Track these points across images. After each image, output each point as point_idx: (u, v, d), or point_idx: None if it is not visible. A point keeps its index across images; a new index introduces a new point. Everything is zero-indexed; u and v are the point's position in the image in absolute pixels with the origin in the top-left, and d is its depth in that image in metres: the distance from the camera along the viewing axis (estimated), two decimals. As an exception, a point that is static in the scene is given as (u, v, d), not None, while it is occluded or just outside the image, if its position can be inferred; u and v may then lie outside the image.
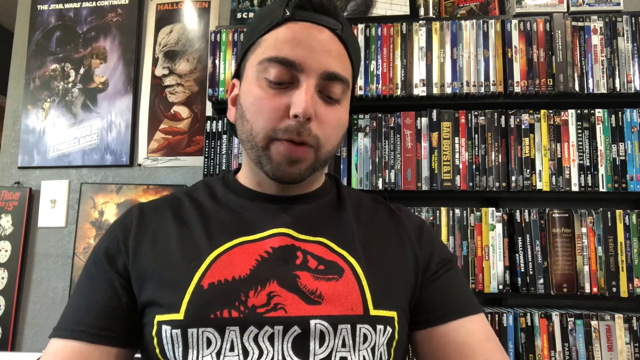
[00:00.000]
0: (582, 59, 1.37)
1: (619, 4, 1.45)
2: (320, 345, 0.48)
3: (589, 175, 1.34)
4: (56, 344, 0.53)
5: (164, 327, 0.49)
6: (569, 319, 1.26)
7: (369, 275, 0.53)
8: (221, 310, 0.48)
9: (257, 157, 0.55)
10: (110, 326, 0.52)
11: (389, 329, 0.52)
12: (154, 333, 0.50)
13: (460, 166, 1.37)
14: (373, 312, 0.51)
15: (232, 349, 0.48)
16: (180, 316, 0.48)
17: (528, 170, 1.35)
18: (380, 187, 1.38)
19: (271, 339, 0.48)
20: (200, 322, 0.48)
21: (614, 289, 1.28)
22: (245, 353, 0.47)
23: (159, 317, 0.50)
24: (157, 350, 0.50)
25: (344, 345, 0.49)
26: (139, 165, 1.67)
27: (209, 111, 1.62)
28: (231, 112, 0.63)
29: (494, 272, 1.31)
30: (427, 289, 0.58)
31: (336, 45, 0.55)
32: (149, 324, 0.51)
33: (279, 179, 0.55)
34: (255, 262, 0.52)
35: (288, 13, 0.54)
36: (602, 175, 1.33)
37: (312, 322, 0.49)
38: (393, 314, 0.53)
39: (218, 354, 0.47)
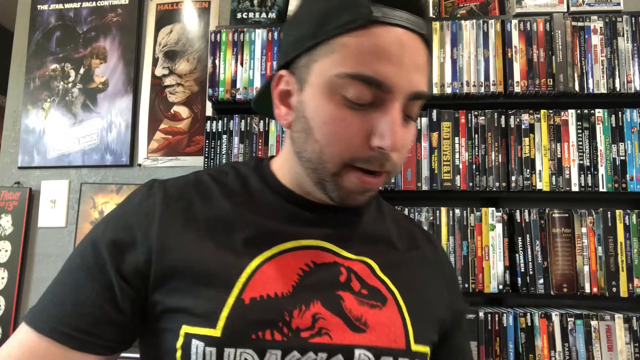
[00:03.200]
0: (582, 59, 1.37)
1: (619, 4, 1.45)
2: None
3: (589, 175, 1.34)
4: (29, 335, 0.45)
5: (195, 342, 0.44)
6: (569, 319, 1.26)
7: (409, 306, 0.51)
8: (263, 331, 0.44)
9: (319, 179, 0.49)
10: (96, 332, 0.45)
11: None
12: (178, 345, 0.44)
13: (460, 166, 1.37)
14: (414, 347, 0.49)
15: None
16: (217, 333, 0.43)
17: (528, 170, 1.35)
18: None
19: None
20: (240, 343, 0.43)
21: (614, 289, 1.28)
22: None
23: (188, 329, 0.44)
24: None
25: None
26: (139, 165, 1.67)
27: (209, 111, 1.62)
28: (281, 111, 0.52)
29: (494, 272, 1.31)
30: (449, 335, 0.57)
31: (423, 55, 0.47)
32: (171, 333, 0.45)
33: (341, 204, 0.50)
34: (297, 277, 0.48)
35: (379, 15, 0.43)
36: (602, 175, 1.33)
37: (357, 351, 0.46)
38: (427, 349, 0.51)
39: None
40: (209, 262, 0.47)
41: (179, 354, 0.44)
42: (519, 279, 1.30)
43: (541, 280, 1.29)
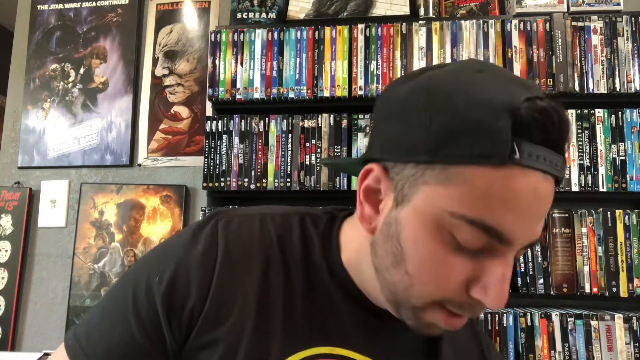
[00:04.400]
0: (582, 59, 1.37)
1: (619, 4, 1.45)
2: None
3: (589, 175, 1.34)
4: None
5: None
6: (569, 319, 1.26)
7: None
8: None
9: (396, 303, 0.43)
10: None
11: None
12: None
13: (460, 166, 1.37)
14: None
15: None
16: None
17: (528, 170, 1.35)
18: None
19: None
20: None
21: (614, 289, 1.28)
22: None
23: None
24: None
25: None
26: (139, 165, 1.67)
27: (209, 111, 1.62)
28: (365, 211, 0.45)
29: (494, 272, 1.31)
30: None
31: (552, 198, 0.39)
32: None
33: (411, 329, 0.44)
34: None
35: (517, 155, 0.35)
36: (602, 175, 1.33)
37: None
38: None
39: None
40: (244, 345, 0.44)
41: None
42: (519, 279, 1.30)
43: (541, 280, 1.29)
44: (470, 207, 0.36)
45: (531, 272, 1.30)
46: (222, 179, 1.43)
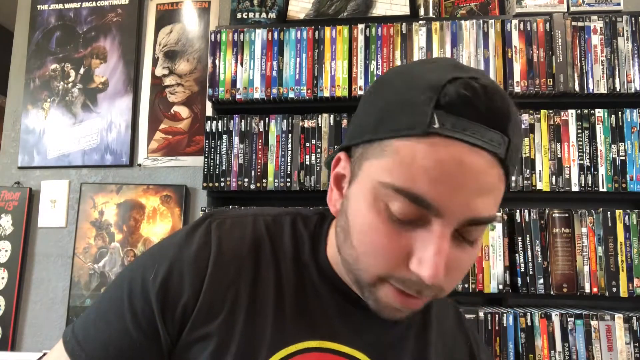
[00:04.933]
0: (582, 59, 1.37)
1: (619, 4, 1.45)
2: None
3: (589, 175, 1.34)
4: None
5: None
6: (569, 319, 1.26)
7: None
8: None
9: (357, 283, 0.45)
10: None
11: None
12: None
13: (460, 166, 1.37)
14: None
15: None
16: None
17: (528, 170, 1.35)
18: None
19: None
20: None
21: (614, 289, 1.28)
22: None
23: None
24: None
25: None
26: (139, 165, 1.67)
27: (209, 111, 1.62)
28: (332, 195, 0.48)
29: (494, 272, 1.31)
30: None
31: (492, 175, 0.39)
32: None
33: (378, 314, 0.45)
34: None
35: (439, 126, 0.37)
36: (602, 175, 1.33)
37: None
38: None
39: None
40: (235, 340, 0.45)
41: None
42: (519, 279, 1.30)
43: (541, 280, 1.29)
44: (398, 176, 0.39)
45: (531, 272, 1.30)
46: (222, 179, 1.43)
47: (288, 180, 1.41)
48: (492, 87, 0.38)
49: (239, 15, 1.61)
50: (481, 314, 1.27)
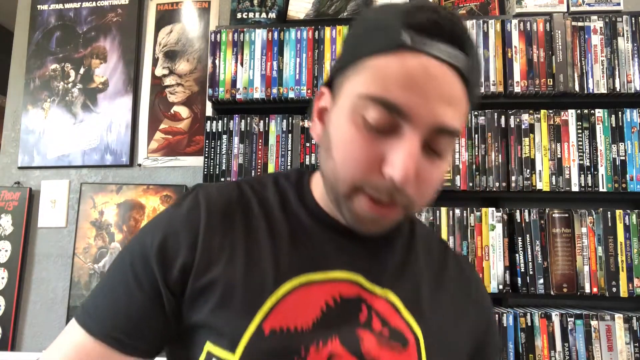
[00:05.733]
0: (582, 59, 1.37)
1: (619, 4, 1.45)
2: None
3: (589, 175, 1.34)
4: (83, 338, 0.48)
5: None
6: (569, 319, 1.26)
7: (430, 350, 0.50)
8: None
9: (336, 200, 0.49)
10: (143, 337, 0.48)
11: None
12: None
13: (460, 166, 1.37)
14: None
15: None
16: (235, 358, 0.45)
17: (528, 170, 1.35)
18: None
19: None
20: None
21: (614, 289, 1.28)
22: None
23: (210, 347, 0.47)
24: None
25: None
26: (139, 165, 1.67)
27: (209, 111, 1.62)
28: (316, 128, 0.53)
29: (494, 272, 1.31)
30: None
31: (455, 88, 0.44)
32: (197, 346, 0.48)
33: (356, 230, 0.49)
34: (319, 312, 0.48)
35: (408, 41, 0.43)
36: (602, 175, 1.33)
37: None
38: None
39: None
40: (239, 282, 0.48)
41: None
42: (519, 279, 1.30)
43: (541, 280, 1.29)
44: (374, 87, 0.44)
45: (531, 272, 1.30)
46: (222, 179, 1.43)
47: (288, 180, 1.41)
48: (454, 15, 0.45)
49: (239, 15, 1.61)
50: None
